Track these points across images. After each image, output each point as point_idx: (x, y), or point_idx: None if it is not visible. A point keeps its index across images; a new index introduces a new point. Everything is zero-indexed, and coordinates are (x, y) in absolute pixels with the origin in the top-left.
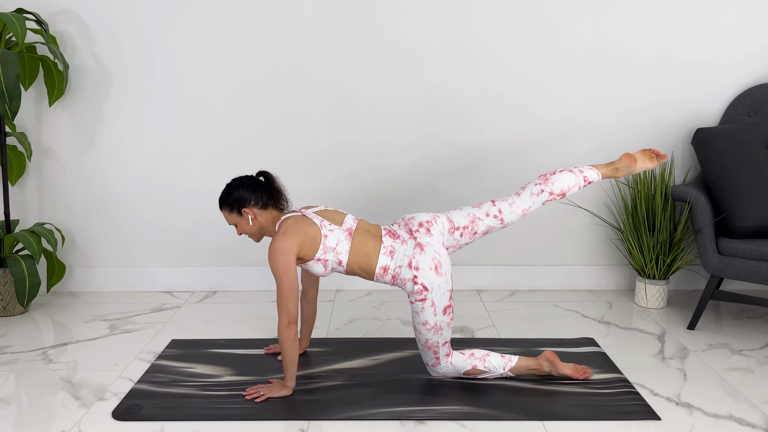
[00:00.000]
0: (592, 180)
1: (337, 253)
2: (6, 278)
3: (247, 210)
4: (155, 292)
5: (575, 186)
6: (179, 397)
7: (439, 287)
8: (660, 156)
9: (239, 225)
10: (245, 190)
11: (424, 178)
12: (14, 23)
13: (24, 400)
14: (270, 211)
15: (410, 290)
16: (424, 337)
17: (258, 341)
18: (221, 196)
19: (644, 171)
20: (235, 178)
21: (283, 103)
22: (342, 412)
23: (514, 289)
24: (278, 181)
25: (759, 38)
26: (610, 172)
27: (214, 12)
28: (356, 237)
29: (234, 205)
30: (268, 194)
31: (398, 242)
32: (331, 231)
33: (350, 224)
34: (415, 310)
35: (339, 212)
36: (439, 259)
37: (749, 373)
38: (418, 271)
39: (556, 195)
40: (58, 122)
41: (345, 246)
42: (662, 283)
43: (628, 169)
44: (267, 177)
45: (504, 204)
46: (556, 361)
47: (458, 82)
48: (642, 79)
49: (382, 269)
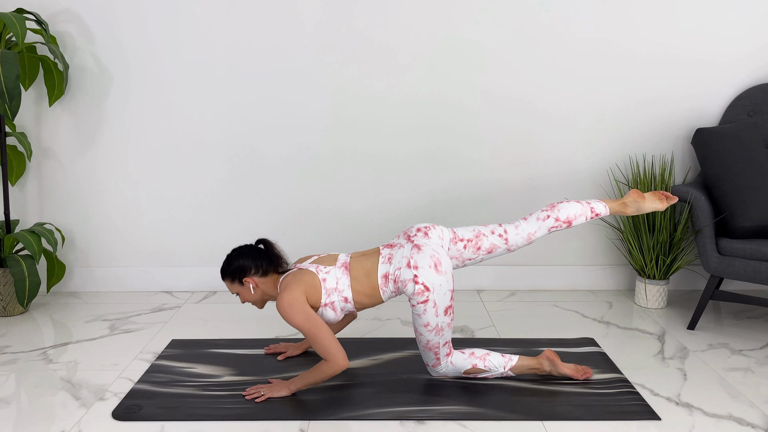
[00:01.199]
0: (599, 212)
1: (339, 292)
2: (6, 278)
3: (248, 279)
4: (155, 292)
5: (582, 216)
6: (179, 397)
7: (440, 286)
8: (669, 198)
9: (241, 294)
10: (245, 259)
11: (427, 188)
12: (14, 23)
13: (24, 400)
14: (271, 276)
15: (411, 292)
16: (425, 338)
17: (258, 341)
18: (222, 266)
19: (654, 211)
20: (235, 249)
21: (283, 103)
22: (342, 412)
23: (514, 289)
24: (277, 247)
25: (759, 38)
26: (618, 207)
27: (214, 12)
28: (353, 268)
29: (235, 275)
30: (268, 261)
31: (396, 249)
32: (327, 273)
33: (344, 260)
34: (417, 312)
35: (332, 255)
36: (438, 257)
37: (749, 373)
38: (418, 270)
39: (562, 222)
40: (58, 122)
41: (345, 281)
42: (662, 283)
43: (636, 205)
44: (266, 244)
45: (510, 226)
46: (556, 360)
47: (459, 86)
48: (642, 79)
49: (383, 278)
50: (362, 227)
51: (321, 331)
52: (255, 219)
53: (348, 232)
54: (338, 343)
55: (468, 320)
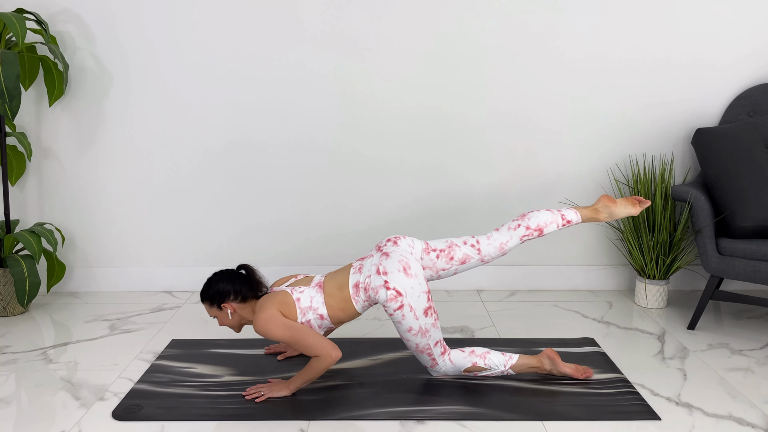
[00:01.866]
0: (570, 219)
1: (314, 310)
2: (6, 278)
3: (226, 305)
4: (155, 292)
5: (553, 223)
6: (179, 397)
7: (412, 289)
8: (642, 202)
9: (219, 318)
10: (225, 284)
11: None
12: (14, 23)
13: (24, 400)
14: (250, 303)
15: (384, 299)
16: (414, 342)
17: (258, 341)
18: (202, 289)
19: (629, 216)
20: (216, 273)
21: (283, 103)
22: (342, 412)
23: (514, 289)
24: (258, 274)
25: (759, 38)
26: (590, 213)
27: (214, 12)
28: (326, 285)
29: (214, 299)
30: (248, 287)
31: (366, 259)
32: (301, 293)
33: (318, 279)
34: (397, 320)
35: (308, 277)
36: (406, 261)
37: (749, 373)
38: (388, 275)
39: (533, 230)
40: (58, 122)
41: (319, 299)
42: (662, 283)
43: (608, 210)
44: (248, 270)
45: (483, 237)
46: (556, 359)
47: (459, 85)
48: (642, 79)
49: (354, 288)
50: (362, 227)
51: (304, 334)
52: (255, 219)
53: (348, 232)
54: (324, 338)
55: (468, 320)
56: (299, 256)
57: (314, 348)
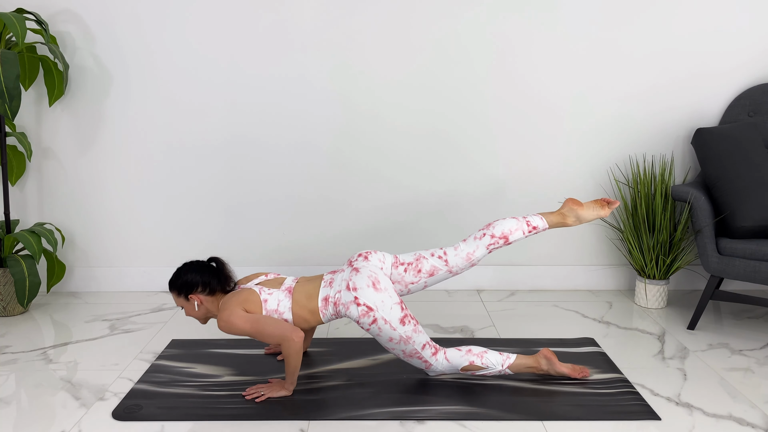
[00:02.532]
0: (536, 225)
1: (280, 314)
2: (6, 278)
3: (193, 296)
4: (155, 292)
5: (518, 230)
6: (179, 397)
7: (383, 303)
8: (611, 203)
9: (186, 308)
10: (194, 275)
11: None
12: (14, 23)
13: (24, 400)
14: (217, 296)
15: (356, 315)
16: (399, 349)
17: (258, 341)
18: (171, 278)
19: (599, 218)
20: (185, 263)
21: (282, 103)
22: (342, 412)
23: (514, 289)
24: (228, 268)
25: (759, 38)
26: (557, 218)
27: (213, 12)
28: (296, 291)
29: (182, 289)
30: (217, 280)
31: (337, 273)
32: (270, 294)
33: (289, 284)
34: (374, 333)
35: (279, 278)
36: (375, 277)
37: (749, 373)
38: (357, 291)
39: (498, 238)
40: (58, 122)
41: (286, 304)
42: (662, 283)
43: (574, 213)
44: (218, 263)
45: (450, 248)
46: (553, 359)
47: (459, 85)
48: (642, 79)
49: (323, 301)
50: (362, 228)
51: (263, 324)
52: (255, 219)
53: (348, 233)
54: (282, 322)
55: (468, 320)
56: (299, 255)
57: (275, 335)
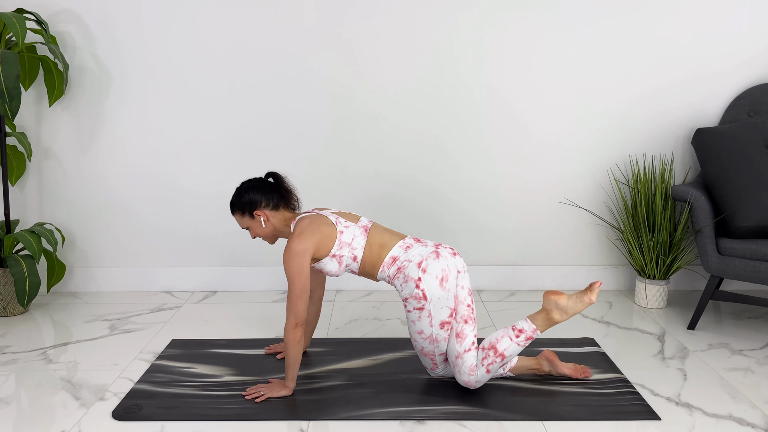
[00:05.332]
0: (522, 328)
1: (352, 249)
2: (6, 278)
3: (258, 212)
4: (155, 292)
5: (504, 336)
6: (179, 397)
7: (439, 300)
8: (592, 285)
9: (252, 228)
10: (255, 192)
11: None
12: (14, 23)
13: (24, 400)
14: (282, 212)
15: (409, 294)
16: (420, 344)
17: (258, 341)
18: (232, 200)
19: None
20: (244, 181)
21: (282, 102)
22: (342, 412)
23: (514, 289)
24: (288, 181)
25: (759, 38)
26: (542, 315)
27: (213, 12)
28: (372, 233)
29: (245, 208)
30: (279, 195)
31: (419, 244)
32: (347, 227)
33: (365, 223)
34: (411, 318)
35: (353, 214)
36: (447, 273)
37: (749, 373)
38: (425, 275)
39: (487, 350)
40: (58, 122)
41: (360, 241)
42: (662, 283)
43: (553, 303)
44: (276, 178)
45: (480, 351)
46: (555, 360)
47: (459, 84)
48: (642, 79)
49: (391, 259)
50: None
51: (299, 289)
52: None
53: None
54: (304, 308)
55: None
56: None
57: (291, 308)
